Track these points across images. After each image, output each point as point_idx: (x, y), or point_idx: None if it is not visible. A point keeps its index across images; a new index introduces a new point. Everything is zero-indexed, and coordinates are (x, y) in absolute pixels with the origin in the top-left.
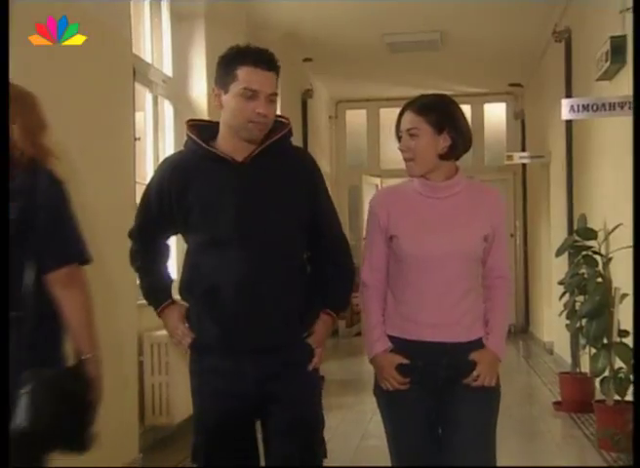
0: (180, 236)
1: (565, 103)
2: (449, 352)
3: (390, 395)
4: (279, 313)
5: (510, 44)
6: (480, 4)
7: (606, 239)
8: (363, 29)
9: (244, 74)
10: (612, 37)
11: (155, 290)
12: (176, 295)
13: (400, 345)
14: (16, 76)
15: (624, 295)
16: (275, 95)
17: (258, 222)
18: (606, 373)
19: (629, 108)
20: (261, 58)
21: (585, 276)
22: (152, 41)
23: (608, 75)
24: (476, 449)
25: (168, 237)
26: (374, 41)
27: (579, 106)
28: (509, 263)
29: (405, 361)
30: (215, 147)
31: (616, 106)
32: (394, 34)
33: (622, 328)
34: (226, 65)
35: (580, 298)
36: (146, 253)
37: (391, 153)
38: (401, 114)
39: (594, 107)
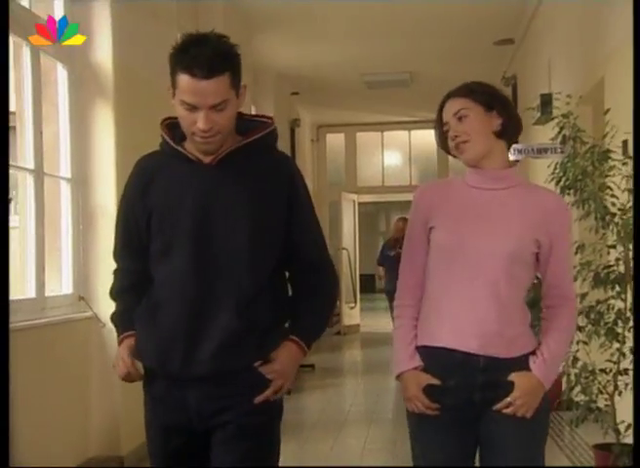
0: None
1: None
2: (485, 370)
3: (421, 416)
4: (228, 337)
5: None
6: (443, 50)
7: None
8: (344, 70)
9: (181, 83)
10: (541, 94)
11: (122, 313)
12: None
13: (429, 356)
14: None
15: None
16: (224, 102)
17: (215, 231)
18: None
19: (552, 153)
20: (198, 64)
21: None
22: None
23: (541, 122)
24: None
25: (146, 263)
26: (353, 79)
27: (514, 150)
28: (572, 283)
29: (435, 381)
30: (185, 147)
31: (542, 151)
32: (370, 74)
33: None
34: (171, 63)
35: None
36: (126, 274)
37: (367, 172)
38: (442, 106)
39: (526, 151)
